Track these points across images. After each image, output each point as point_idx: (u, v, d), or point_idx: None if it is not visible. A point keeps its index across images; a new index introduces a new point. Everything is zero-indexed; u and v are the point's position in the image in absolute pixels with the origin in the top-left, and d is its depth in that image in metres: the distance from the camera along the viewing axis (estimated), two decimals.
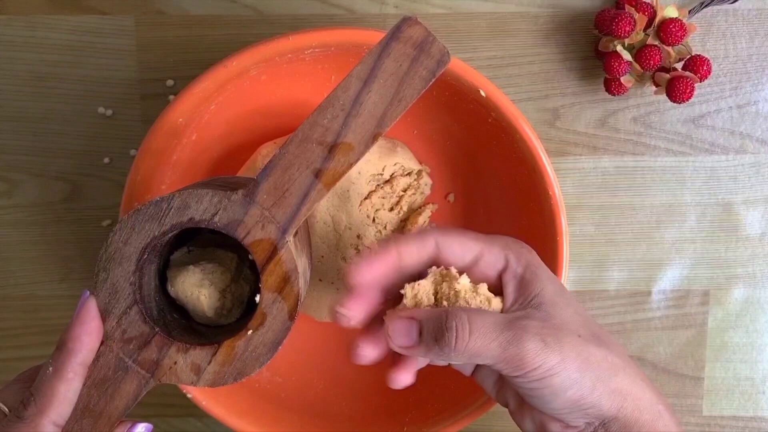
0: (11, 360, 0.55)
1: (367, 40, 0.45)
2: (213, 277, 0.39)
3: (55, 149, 0.53)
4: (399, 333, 0.36)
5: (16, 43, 0.52)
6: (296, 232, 0.37)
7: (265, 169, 0.35)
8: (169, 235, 0.36)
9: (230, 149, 0.51)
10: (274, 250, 0.35)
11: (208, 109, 0.48)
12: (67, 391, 0.34)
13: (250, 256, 0.37)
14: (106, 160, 0.54)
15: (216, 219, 0.35)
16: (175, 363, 0.36)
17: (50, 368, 0.34)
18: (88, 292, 0.36)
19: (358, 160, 0.35)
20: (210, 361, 0.36)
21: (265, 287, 0.36)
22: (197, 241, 0.41)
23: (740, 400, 0.57)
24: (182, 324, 0.39)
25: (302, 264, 0.37)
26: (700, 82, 0.51)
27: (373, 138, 0.35)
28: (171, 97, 0.52)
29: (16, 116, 0.53)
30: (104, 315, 0.36)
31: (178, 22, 0.52)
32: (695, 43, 0.53)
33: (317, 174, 0.35)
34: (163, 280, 0.39)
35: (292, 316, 0.36)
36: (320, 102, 0.36)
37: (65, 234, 0.54)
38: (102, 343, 0.36)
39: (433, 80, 0.35)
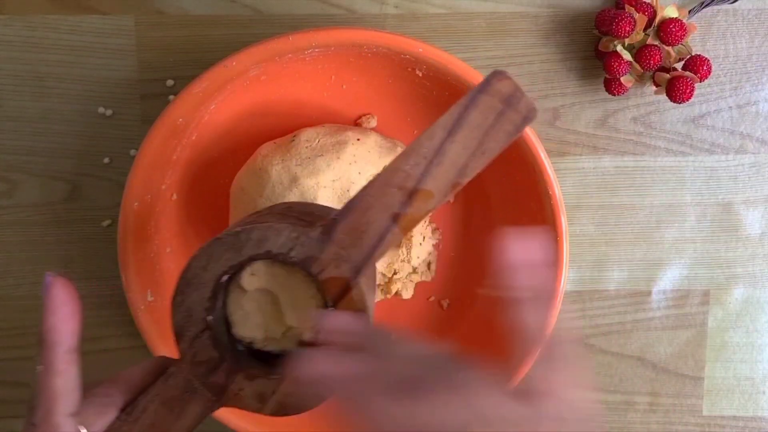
0: (11, 360, 0.55)
1: (367, 40, 0.45)
2: (273, 321, 0.39)
3: (55, 149, 0.53)
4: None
5: (16, 43, 0.52)
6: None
7: (345, 209, 0.36)
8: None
9: (230, 149, 0.51)
10: (346, 289, 0.36)
11: (208, 109, 0.48)
12: (66, 382, 0.33)
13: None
14: (106, 160, 0.54)
15: (292, 254, 0.35)
16: (241, 390, 0.36)
17: (39, 366, 0.33)
18: (50, 277, 0.34)
19: (436, 207, 0.36)
20: (274, 391, 0.36)
21: None
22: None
23: (740, 400, 0.57)
24: (249, 351, 0.39)
25: (371, 302, 0.38)
26: (700, 82, 0.51)
27: (453, 187, 0.36)
28: (171, 97, 0.52)
29: (16, 116, 0.53)
30: (178, 337, 0.36)
31: (178, 22, 0.52)
32: (695, 43, 0.53)
33: (395, 218, 0.35)
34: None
35: None
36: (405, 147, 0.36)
37: (65, 234, 0.54)
38: (174, 363, 0.36)
39: (518, 136, 0.36)
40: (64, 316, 0.33)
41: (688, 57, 0.51)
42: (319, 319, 0.35)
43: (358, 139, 0.48)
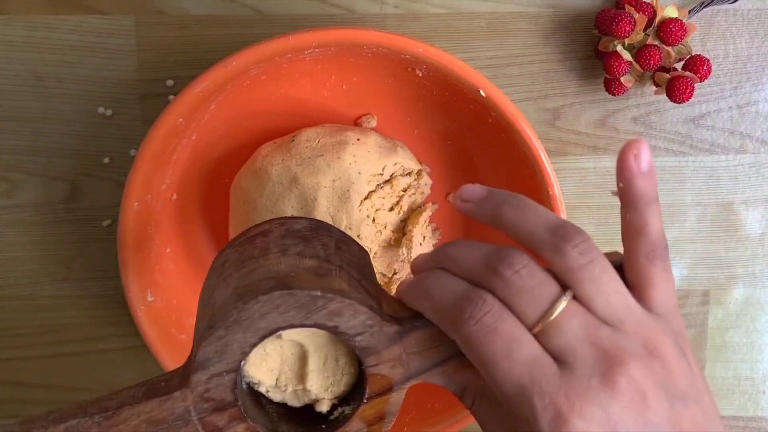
0: (11, 360, 0.55)
1: (367, 40, 0.45)
2: (292, 374, 0.37)
3: (55, 149, 0.53)
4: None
5: (16, 43, 0.52)
6: None
7: (428, 321, 0.34)
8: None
9: (230, 149, 0.51)
10: (388, 389, 0.34)
11: (208, 109, 0.48)
12: None
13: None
14: (106, 160, 0.54)
15: (358, 339, 0.33)
16: None
17: None
18: None
19: None
20: None
21: (360, 415, 0.35)
22: None
23: (740, 400, 0.57)
24: (258, 401, 0.37)
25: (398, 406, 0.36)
26: (700, 82, 0.51)
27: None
28: (171, 97, 0.52)
29: (16, 116, 0.53)
30: (199, 366, 0.33)
31: (178, 22, 0.52)
32: (695, 43, 0.53)
33: None
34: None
35: None
36: None
37: (65, 234, 0.54)
38: (180, 388, 0.33)
39: None
40: None
41: (688, 57, 0.51)
42: None
43: (358, 139, 0.48)
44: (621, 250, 0.34)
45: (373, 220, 0.49)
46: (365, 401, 0.34)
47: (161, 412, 0.33)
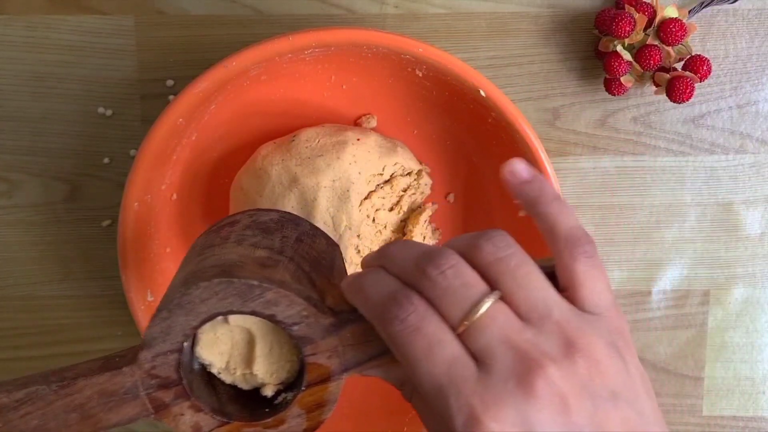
0: (11, 360, 0.55)
1: (367, 40, 0.45)
2: (240, 358, 0.38)
3: (55, 149, 0.53)
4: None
5: (16, 43, 0.52)
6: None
7: (361, 317, 0.35)
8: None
9: (230, 149, 0.51)
10: (326, 378, 0.35)
11: (208, 109, 0.48)
12: None
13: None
14: (106, 160, 0.54)
15: (295, 328, 0.35)
16: (182, 415, 0.36)
17: None
18: None
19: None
20: (212, 430, 0.36)
21: (299, 401, 0.36)
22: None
23: (740, 400, 0.57)
24: (210, 382, 0.39)
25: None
26: (700, 82, 0.51)
27: None
28: (171, 97, 0.52)
29: (16, 116, 0.53)
30: (145, 345, 0.35)
31: (178, 22, 0.52)
32: (695, 43, 0.53)
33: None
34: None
35: None
36: None
37: (65, 234, 0.54)
38: (128, 364, 0.36)
39: None
40: None
41: (688, 57, 0.51)
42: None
43: (358, 139, 0.48)
44: (620, 250, 0.34)
45: (373, 220, 0.49)
46: (304, 388, 0.36)
47: (112, 385, 0.35)
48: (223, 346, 0.38)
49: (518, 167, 0.34)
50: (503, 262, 0.31)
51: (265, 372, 0.38)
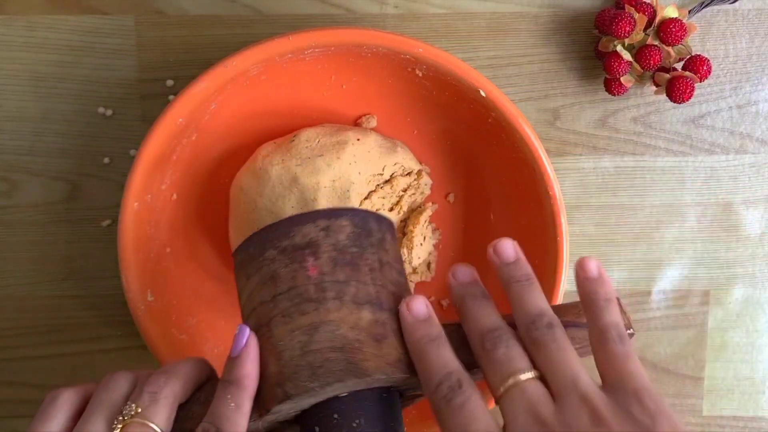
0: (11, 360, 0.55)
1: (367, 40, 0.45)
2: None
3: (55, 149, 0.53)
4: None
5: (16, 43, 0.52)
6: None
7: None
8: None
9: (230, 149, 0.51)
10: None
11: (208, 109, 0.48)
12: (246, 424, 0.37)
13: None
14: (106, 160, 0.54)
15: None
16: None
17: (232, 404, 0.36)
18: (246, 329, 0.38)
19: None
20: None
21: None
22: None
23: (740, 400, 0.57)
24: None
25: None
26: (700, 82, 0.51)
27: None
28: (171, 97, 0.52)
29: (16, 116, 0.53)
30: (266, 413, 0.37)
31: (178, 22, 0.52)
32: (695, 43, 0.53)
33: None
34: None
35: None
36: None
37: (65, 234, 0.54)
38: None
39: None
40: (256, 366, 0.37)
41: (688, 57, 0.51)
42: None
43: (358, 139, 0.48)
44: (620, 250, 0.34)
45: None
46: None
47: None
48: None
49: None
50: (542, 340, 0.36)
51: None
